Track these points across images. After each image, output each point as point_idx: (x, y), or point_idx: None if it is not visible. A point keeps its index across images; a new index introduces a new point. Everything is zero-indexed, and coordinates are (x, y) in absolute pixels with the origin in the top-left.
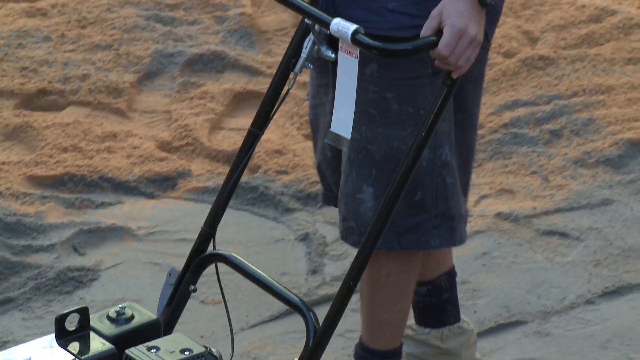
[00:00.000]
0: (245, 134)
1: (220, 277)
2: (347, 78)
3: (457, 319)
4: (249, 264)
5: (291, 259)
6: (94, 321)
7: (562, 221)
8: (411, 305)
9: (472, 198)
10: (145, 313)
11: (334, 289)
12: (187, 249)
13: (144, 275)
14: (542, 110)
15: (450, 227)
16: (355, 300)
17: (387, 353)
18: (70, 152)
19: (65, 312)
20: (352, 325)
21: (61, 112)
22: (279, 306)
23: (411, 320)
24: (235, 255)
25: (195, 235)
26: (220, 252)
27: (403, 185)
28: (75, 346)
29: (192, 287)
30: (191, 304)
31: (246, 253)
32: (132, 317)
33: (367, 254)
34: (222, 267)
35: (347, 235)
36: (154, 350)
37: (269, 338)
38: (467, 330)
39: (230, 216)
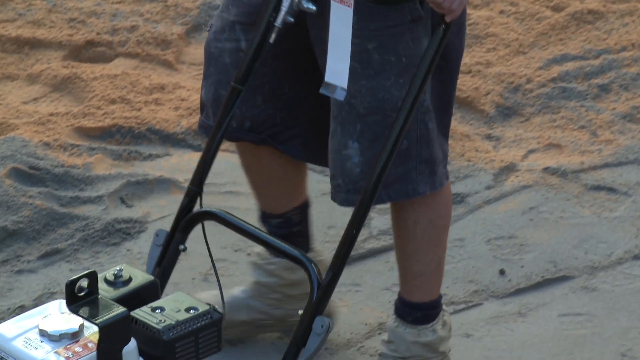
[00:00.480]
0: None
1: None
2: (341, 28)
3: (307, 250)
4: (242, 220)
5: (338, 213)
6: None
7: (610, 176)
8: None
9: (519, 152)
10: (141, 274)
11: (381, 242)
12: (234, 202)
13: None
14: (591, 65)
15: (432, 171)
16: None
17: (424, 305)
18: (118, 104)
19: (74, 277)
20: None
21: (109, 63)
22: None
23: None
24: (225, 211)
25: (242, 189)
26: (210, 209)
27: (400, 134)
28: (86, 311)
29: (181, 247)
30: (238, 256)
31: None
32: (130, 279)
33: (368, 203)
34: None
35: (335, 193)
36: (159, 310)
37: None
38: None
39: None
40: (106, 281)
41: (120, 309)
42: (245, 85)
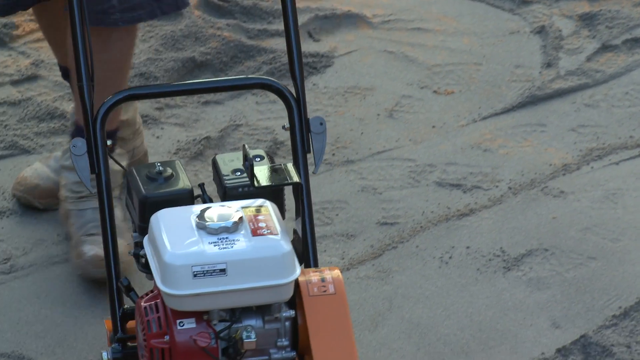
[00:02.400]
0: None
1: (444, 68)
2: None
3: None
4: (165, 83)
5: (526, 52)
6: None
7: None
8: None
9: None
10: (169, 163)
11: (568, 83)
12: (421, 39)
13: (378, 64)
14: None
15: None
16: (588, 96)
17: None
18: None
19: (250, 156)
20: (584, 120)
21: None
22: (511, 98)
23: None
24: (140, 85)
25: (430, 25)
26: (126, 91)
27: None
28: (274, 178)
29: (109, 142)
30: (424, 93)
31: (480, 44)
32: (171, 173)
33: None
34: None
35: (109, 16)
36: (239, 172)
37: (500, 130)
38: None
39: (465, 7)
40: (153, 178)
41: (286, 164)
42: None
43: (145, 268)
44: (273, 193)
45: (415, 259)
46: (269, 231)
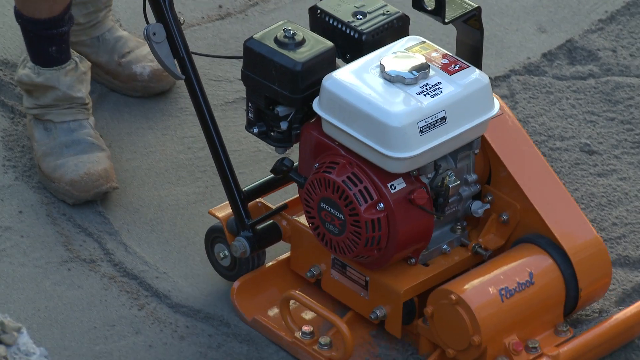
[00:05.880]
0: None
1: None
2: None
3: None
4: None
5: None
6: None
7: None
8: None
9: None
10: (287, 25)
11: None
12: None
13: None
14: None
15: None
16: None
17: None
18: None
19: None
20: None
21: None
22: None
23: None
24: None
25: None
26: None
27: None
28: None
29: (181, 18)
30: None
31: None
32: (301, 34)
33: None
34: None
35: None
36: (360, 16)
37: None
38: None
39: None
40: (283, 43)
41: None
42: None
43: (282, 142)
44: (402, 30)
45: None
46: (458, 66)
